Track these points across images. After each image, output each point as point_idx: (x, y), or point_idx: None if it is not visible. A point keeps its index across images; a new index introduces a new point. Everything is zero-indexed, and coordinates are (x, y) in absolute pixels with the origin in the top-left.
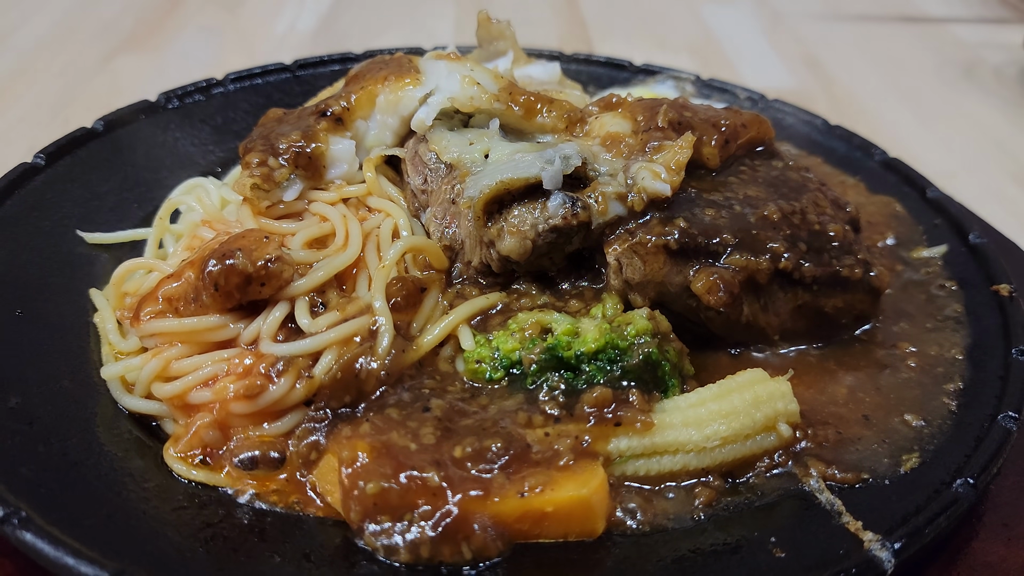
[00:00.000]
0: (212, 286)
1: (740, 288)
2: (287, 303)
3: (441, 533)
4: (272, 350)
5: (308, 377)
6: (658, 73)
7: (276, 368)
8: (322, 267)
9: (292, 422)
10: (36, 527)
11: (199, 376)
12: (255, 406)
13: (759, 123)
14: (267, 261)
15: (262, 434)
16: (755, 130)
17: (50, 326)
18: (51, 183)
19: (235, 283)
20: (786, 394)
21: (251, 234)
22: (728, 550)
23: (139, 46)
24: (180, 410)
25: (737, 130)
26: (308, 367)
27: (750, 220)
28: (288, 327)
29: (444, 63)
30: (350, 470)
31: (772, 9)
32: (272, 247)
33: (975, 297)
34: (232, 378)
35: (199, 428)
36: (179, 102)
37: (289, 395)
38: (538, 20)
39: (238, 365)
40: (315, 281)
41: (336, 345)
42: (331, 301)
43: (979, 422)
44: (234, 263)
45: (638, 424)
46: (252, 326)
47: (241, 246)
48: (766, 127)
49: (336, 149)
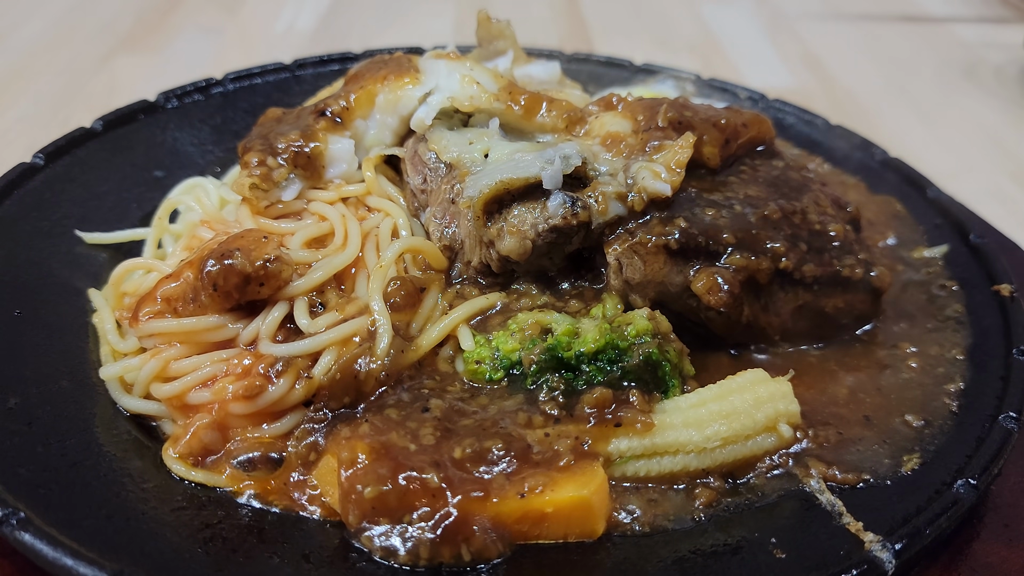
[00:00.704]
0: (211, 286)
1: (740, 288)
2: (286, 303)
3: (441, 535)
4: (271, 350)
5: (307, 377)
6: (658, 73)
7: (275, 369)
8: (321, 267)
9: (291, 423)
10: (35, 528)
11: (198, 376)
12: (254, 406)
13: (759, 123)
14: (266, 261)
15: (261, 435)
16: (755, 130)
17: (49, 326)
18: (50, 183)
19: (234, 283)
20: (787, 394)
21: (250, 234)
22: (728, 551)
23: (138, 46)
24: (179, 411)
25: (738, 130)
26: (307, 367)
27: (751, 220)
28: (287, 327)
29: (444, 62)
30: (349, 472)
31: (773, 9)
32: (271, 247)
33: (976, 297)
34: (231, 379)
35: (198, 429)
36: (178, 102)
37: (288, 396)
38: (538, 19)
39: (237, 366)
40: (314, 281)
41: (335, 346)
42: (330, 301)
43: (980, 422)
44: (233, 263)
45: (638, 425)
46: (251, 326)
47: (240, 246)
48: (767, 127)
49: (335, 148)
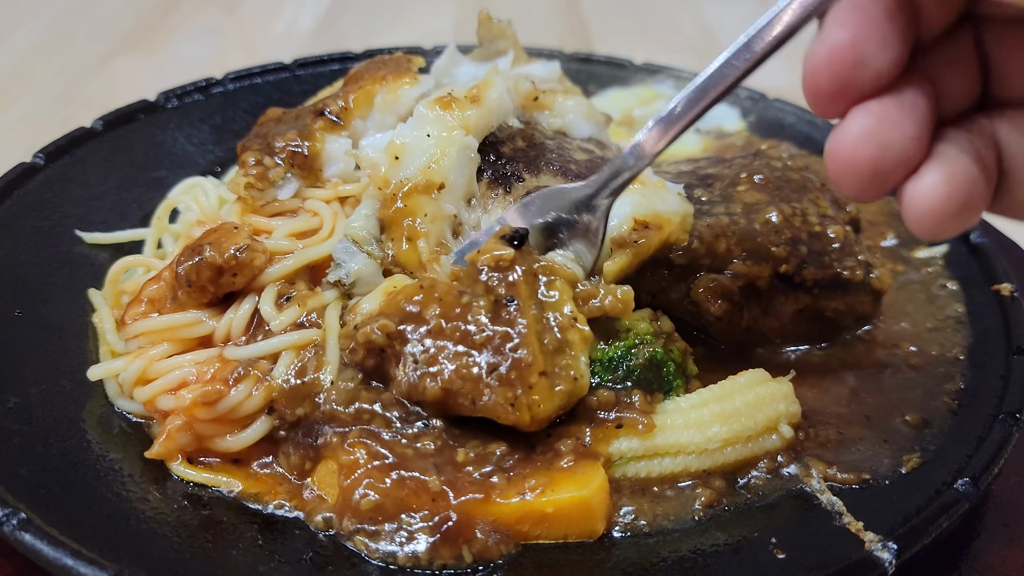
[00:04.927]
0: (185, 283)
1: (740, 294)
2: (258, 295)
3: (441, 536)
4: (232, 355)
5: (267, 382)
6: (658, 72)
7: (237, 373)
8: (295, 256)
9: (260, 430)
10: (35, 528)
11: (168, 381)
12: (215, 412)
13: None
14: (236, 251)
15: (229, 446)
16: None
17: (49, 326)
18: (50, 183)
19: (207, 276)
20: (788, 395)
21: (221, 227)
22: (729, 551)
23: (138, 46)
24: (155, 413)
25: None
26: (268, 371)
27: (751, 226)
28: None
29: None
30: (348, 481)
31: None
32: (241, 236)
33: (976, 297)
34: (198, 384)
35: (171, 432)
36: (178, 102)
37: (247, 402)
38: (538, 19)
39: (207, 371)
40: (284, 269)
41: (291, 349)
42: (298, 292)
43: (980, 422)
44: (203, 257)
45: (640, 426)
46: (223, 321)
47: (211, 240)
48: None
49: (333, 148)
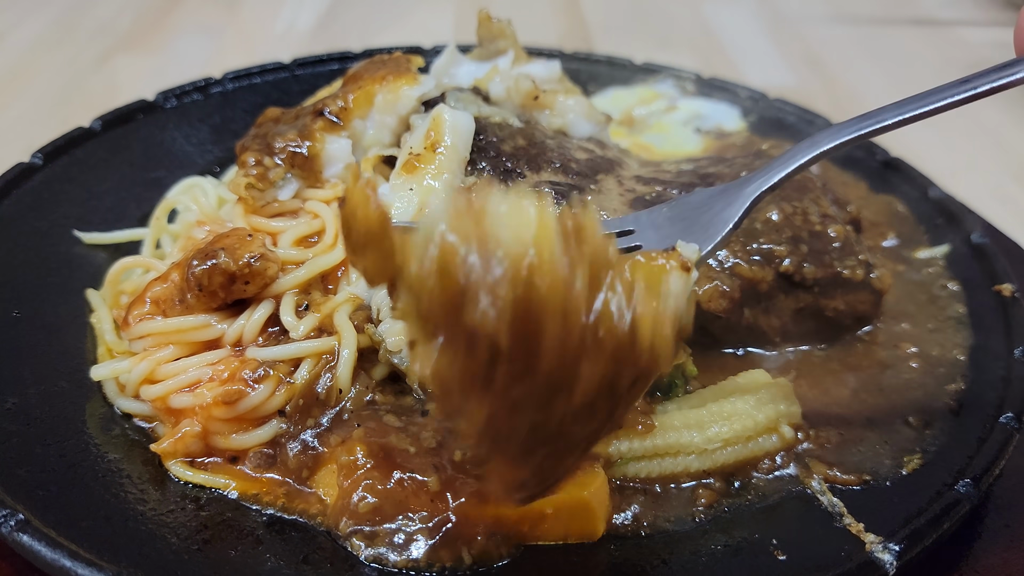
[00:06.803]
0: (196, 286)
1: (741, 293)
2: (271, 301)
3: (440, 538)
4: (254, 355)
5: (288, 383)
6: (658, 72)
7: (257, 374)
8: (307, 266)
9: (270, 432)
10: (33, 529)
11: (181, 380)
12: (234, 412)
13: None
14: (250, 259)
15: (240, 444)
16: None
17: (47, 326)
18: (48, 183)
19: (219, 282)
20: (788, 395)
21: (235, 232)
22: (729, 552)
23: (137, 45)
24: (165, 413)
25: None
26: (289, 373)
27: (752, 225)
28: (270, 329)
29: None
30: (348, 482)
31: (774, 8)
32: (256, 245)
33: (977, 297)
34: (215, 383)
35: (184, 436)
36: (177, 101)
37: (269, 402)
38: (538, 18)
39: (223, 370)
40: (298, 279)
41: (313, 356)
42: (314, 300)
43: (982, 423)
44: (217, 262)
45: (639, 427)
46: (235, 325)
47: (224, 245)
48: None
49: (332, 148)
